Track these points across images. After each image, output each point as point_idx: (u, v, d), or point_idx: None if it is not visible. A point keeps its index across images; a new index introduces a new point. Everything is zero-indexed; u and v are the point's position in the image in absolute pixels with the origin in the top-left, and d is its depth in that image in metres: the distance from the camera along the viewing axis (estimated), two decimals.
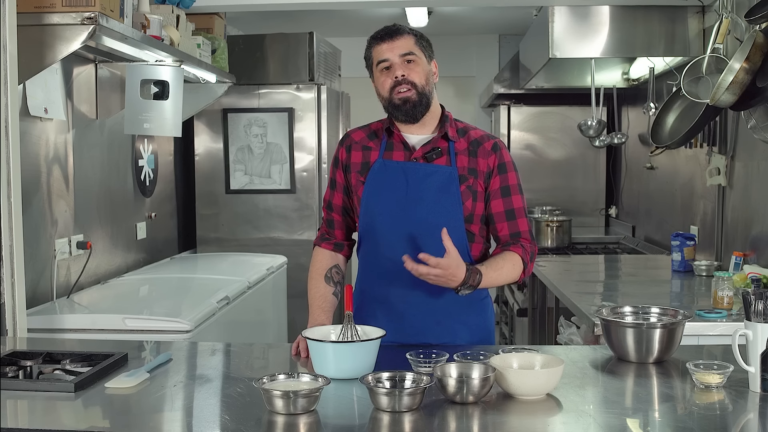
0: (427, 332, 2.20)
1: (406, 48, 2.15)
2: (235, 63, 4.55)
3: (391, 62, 2.15)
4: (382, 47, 2.17)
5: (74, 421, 1.67)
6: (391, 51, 2.15)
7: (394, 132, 2.24)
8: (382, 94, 2.19)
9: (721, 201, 3.63)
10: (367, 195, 2.22)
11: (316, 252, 2.36)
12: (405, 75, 2.14)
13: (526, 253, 2.20)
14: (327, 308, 2.26)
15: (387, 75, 2.16)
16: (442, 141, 2.21)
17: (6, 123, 2.35)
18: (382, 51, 2.16)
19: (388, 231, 2.19)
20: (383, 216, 2.20)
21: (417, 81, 2.15)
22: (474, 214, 2.20)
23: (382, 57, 2.16)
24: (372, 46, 2.20)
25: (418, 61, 2.16)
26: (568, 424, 1.57)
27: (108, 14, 2.70)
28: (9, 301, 2.38)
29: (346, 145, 2.31)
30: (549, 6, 3.93)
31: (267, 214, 4.75)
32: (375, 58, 2.19)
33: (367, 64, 2.24)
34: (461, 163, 2.19)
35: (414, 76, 2.15)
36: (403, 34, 2.17)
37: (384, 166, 2.22)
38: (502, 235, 2.23)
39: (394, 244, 2.18)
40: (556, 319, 3.73)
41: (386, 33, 2.18)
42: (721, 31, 3.23)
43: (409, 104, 2.15)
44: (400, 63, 2.15)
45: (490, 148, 2.22)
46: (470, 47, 6.88)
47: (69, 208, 3.34)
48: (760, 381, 1.71)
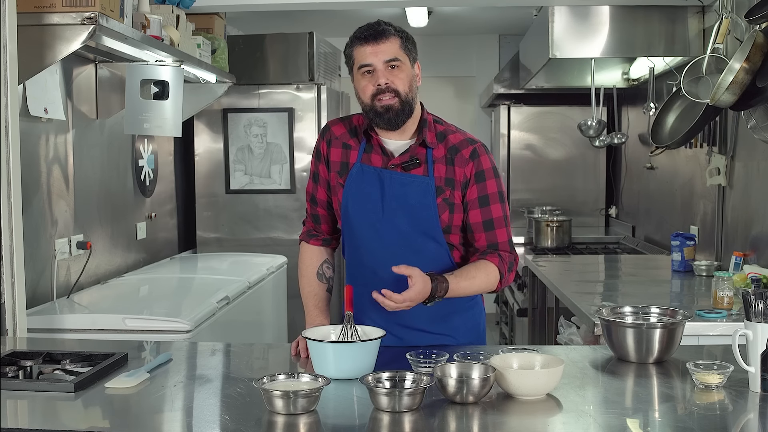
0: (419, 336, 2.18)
1: (390, 53, 2.05)
2: (235, 63, 4.55)
3: (374, 67, 2.05)
4: (366, 50, 2.05)
5: (74, 421, 1.67)
6: (375, 55, 2.05)
7: (372, 136, 2.17)
8: (363, 100, 2.10)
9: (721, 201, 3.63)
10: (346, 201, 2.18)
11: (304, 249, 2.33)
12: (389, 83, 2.05)
13: (504, 263, 2.13)
14: (323, 307, 2.25)
15: (369, 80, 2.07)
16: (420, 148, 2.14)
17: (6, 123, 2.35)
18: (366, 54, 2.05)
19: (368, 239, 2.16)
20: (362, 225, 2.16)
21: (401, 88, 2.06)
22: (452, 225, 2.14)
23: (366, 61, 2.05)
24: (354, 46, 2.08)
25: (403, 67, 2.07)
26: (568, 424, 1.57)
27: (108, 14, 2.70)
28: (9, 301, 2.38)
29: (327, 138, 2.24)
30: (549, 6, 3.93)
31: (267, 214, 4.75)
32: (357, 60, 2.08)
33: (348, 63, 2.13)
34: (438, 172, 2.12)
35: (398, 83, 2.06)
36: (389, 37, 2.06)
37: (362, 171, 2.16)
38: (480, 246, 2.16)
39: (374, 252, 2.15)
40: (556, 319, 3.73)
41: (370, 34, 2.06)
42: (721, 31, 3.23)
43: (392, 112, 2.07)
44: (383, 69, 2.05)
45: (468, 155, 2.13)
46: (470, 47, 6.88)
47: (69, 208, 3.34)
48: (760, 381, 1.71)
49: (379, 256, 2.13)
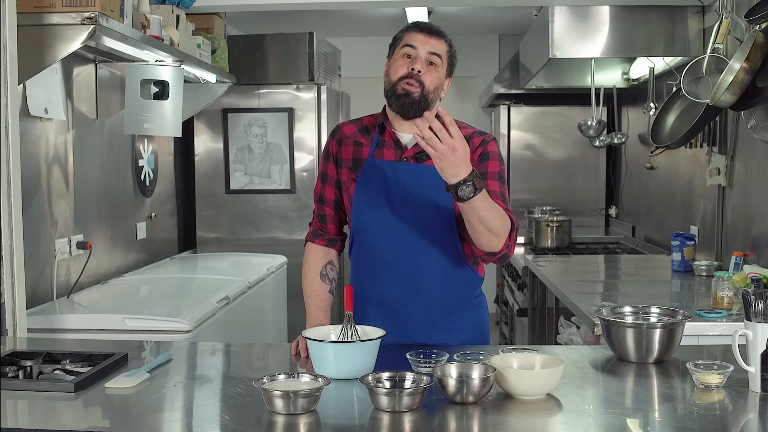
0: (422, 333, 2.20)
1: (437, 48, 2.14)
2: (235, 63, 4.55)
3: (417, 53, 2.13)
4: (417, 36, 2.14)
5: (74, 421, 1.67)
6: (423, 43, 2.13)
7: (386, 129, 2.21)
8: (390, 77, 2.16)
9: (721, 201, 3.63)
10: (358, 195, 2.20)
11: (309, 248, 2.34)
12: (420, 72, 2.12)
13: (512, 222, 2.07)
14: (324, 307, 2.25)
15: (405, 62, 2.14)
16: None
17: (6, 123, 2.35)
18: (416, 39, 2.14)
19: (379, 232, 2.18)
20: (374, 217, 2.19)
21: (427, 83, 2.13)
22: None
23: (413, 43, 2.14)
24: (408, 30, 2.17)
25: (439, 68, 2.15)
26: (568, 424, 1.57)
27: (108, 14, 2.70)
28: (9, 301, 2.37)
29: (337, 138, 2.28)
30: (549, 6, 3.93)
31: (267, 214, 4.75)
32: (405, 40, 2.16)
33: (392, 45, 2.20)
34: None
35: (428, 78, 2.13)
36: (442, 38, 2.17)
37: (374, 165, 2.20)
38: None
39: (386, 246, 2.17)
40: (556, 319, 3.73)
41: (427, 27, 2.17)
42: (721, 31, 3.23)
43: (409, 99, 2.12)
44: (424, 59, 2.13)
45: (479, 143, 2.19)
46: (470, 47, 6.88)
47: (69, 208, 3.34)
48: (760, 381, 1.71)
49: (390, 247, 2.16)
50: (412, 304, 2.18)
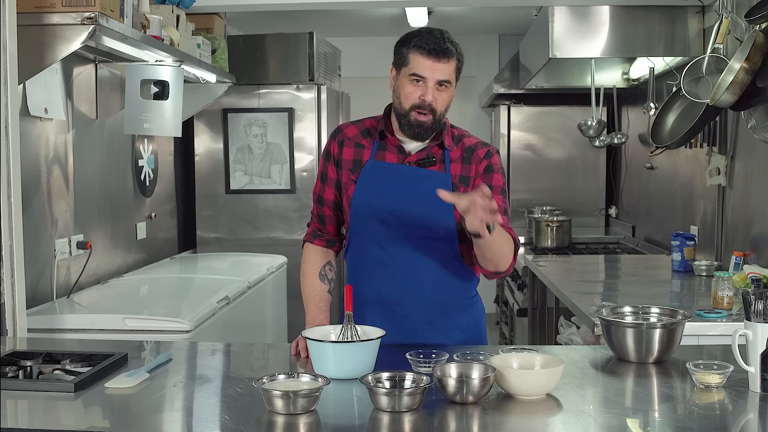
0: (419, 333, 2.20)
1: (446, 74, 2.09)
2: (235, 63, 4.55)
3: (425, 82, 2.08)
4: (425, 63, 2.07)
5: (74, 421, 1.67)
6: (432, 72, 2.07)
7: (387, 136, 2.21)
8: (402, 104, 2.12)
9: (721, 201, 3.63)
10: (358, 196, 2.20)
11: (307, 249, 2.34)
12: (432, 102, 2.09)
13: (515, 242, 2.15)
14: (324, 307, 2.25)
15: (415, 89, 2.09)
16: (436, 149, 2.19)
17: (6, 123, 2.35)
18: (424, 67, 2.07)
19: (378, 234, 2.18)
20: (373, 219, 2.18)
21: (439, 108, 2.11)
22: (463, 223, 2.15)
23: (421, 73, 2.07)
24: (414, 52, 2.08)
25: (449, 89, 2.12)
26: (568, 424, 1.57)
27: (108, 14, 2.70)
28: (9, 301, 2.38)
29: (339, 140, 2.27)
30: (549, 6, 3.93)
31: (267, 214, 4.75)
32: (412, 67, 2.08)
33: (398, 60, 2.13)
34: (455, 170, 2.18)
35: (439, 103, 2.10)
36: (450, 59, 2.09)
37: (375, 167, 2.19)
38: None
39: (385, 247, 2.18)
40: (556, 319, 3.73)
41: (435, 50, 2.07)
42: (721, 31, 3.23)
43: (422, 128, 2.12)
44: (433, 87, 2.08)
45: (483, 155, 2.20)
46: (470, 47, 6.87)
47: (69, 208, 3.34)
48: (760, 381, 1.71)
49: (388, 248, 2.17)
50: (410, 303, 2.19)
